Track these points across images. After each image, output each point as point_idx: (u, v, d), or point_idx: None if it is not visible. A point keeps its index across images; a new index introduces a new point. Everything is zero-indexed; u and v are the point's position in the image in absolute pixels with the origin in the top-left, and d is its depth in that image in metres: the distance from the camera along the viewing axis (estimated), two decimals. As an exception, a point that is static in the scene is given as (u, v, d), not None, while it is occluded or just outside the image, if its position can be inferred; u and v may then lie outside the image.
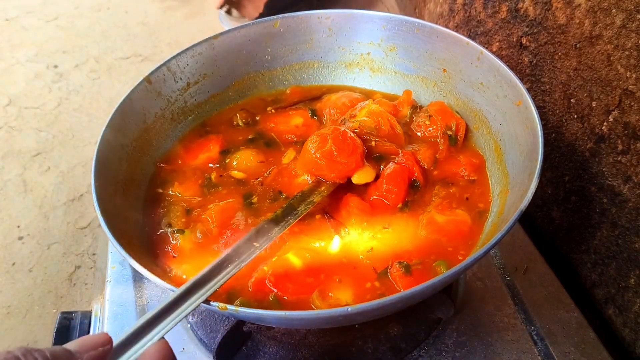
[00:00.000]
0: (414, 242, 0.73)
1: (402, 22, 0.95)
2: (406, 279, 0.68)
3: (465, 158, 0.85)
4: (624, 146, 0.74)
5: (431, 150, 0.86)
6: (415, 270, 0.69)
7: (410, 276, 0.68)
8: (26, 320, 1.49)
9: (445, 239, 0.74)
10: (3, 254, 1.64)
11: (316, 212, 0.78)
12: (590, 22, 0.76)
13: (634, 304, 0.77)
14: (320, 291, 0.67)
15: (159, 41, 2.50)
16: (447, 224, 0.74)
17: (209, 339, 0.78)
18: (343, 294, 0.68)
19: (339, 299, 0.67)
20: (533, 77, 0.95)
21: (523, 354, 0.76)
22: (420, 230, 0.75)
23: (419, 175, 0.81)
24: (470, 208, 0.78)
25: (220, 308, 0.55)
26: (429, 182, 0.82)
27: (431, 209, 0.77)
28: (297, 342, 0.77)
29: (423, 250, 0.72)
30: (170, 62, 0.91)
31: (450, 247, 0.73)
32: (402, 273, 0.68)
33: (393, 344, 0.77)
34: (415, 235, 0.74)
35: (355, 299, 0.67)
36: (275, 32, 1.00)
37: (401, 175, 0.79)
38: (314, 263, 0.70)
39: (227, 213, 0.78)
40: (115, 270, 0.92)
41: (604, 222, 0.81)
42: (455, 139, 0.87)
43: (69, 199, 1.82)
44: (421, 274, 0.68)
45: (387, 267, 0.70)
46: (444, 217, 0.75)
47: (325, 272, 0.70)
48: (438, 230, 0.74)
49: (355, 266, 0.71)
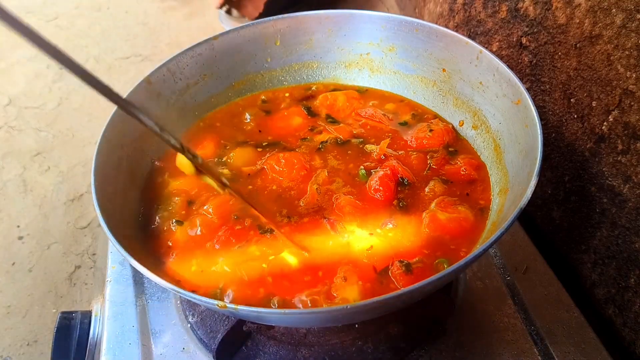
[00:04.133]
0: (416, 240, 0.73)
1: (401, 22, 0.95)
2: (407, 278, 0.67)
3: (464, 160, 0.85)
4: (624, 146, 0.74)
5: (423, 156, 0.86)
6: (416, 269, 0.69)
7: (411, 275, 0.68)
8: (26, 320, 1.49)
9: (448, 236, 0.73)
10: (3, 254, 1.65)
11: (311, 214, 0.78)
12: (590, 22, 0.76)
13: (633, 304, 0.77)
14: (323, 291, 0.67)
15: (158, 41, 2.50)
16: (449, 221, 0.74)
17: (209, 339, 0.78)
18: (348, 292, 0.67)
19: (346, 299, 0.67)
20: (533, 77, 0.95)
21: (523, 354, 0.76)
22: (423, 228, 0.75)
23: (405, 173, 0.81)
24: (472, 205, 0.77)
25: (220, 306, 0.55)
26: (421, 178, 0.82)
27: (434, 206, 0.77)
28: (297, 342, 0.77)
29: (425, 248, 0.72)
30: (170, 62, 0.91)
31: (452, 245, 0.72)
32: (403, 272, 0.68)
33: (393, 343, 0.77)
34: (417, 234, 0.74)
35: (360, 298, 0.67)
36: (275, 32, 1.00)
37: (387, 176, 0.80)
38: (311, 262, 0.70)
39: (225, 206, 0.79)
40: (115, 270, 0.92)
41: (604, 222, 0.81)
42: (456, 153, 0.87)
43: (69, 198, 1.82)
44: (422, 272, 0.68)
45: (387, 266, 0.70)
46: (447, 215, 0.75)
47: (324, 270, 0.70)
48: (441, 228, 0.74)
49: (356, 265, 0.71)
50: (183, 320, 0.83)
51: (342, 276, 0.68)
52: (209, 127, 0.97)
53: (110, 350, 0.79)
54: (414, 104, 0.98)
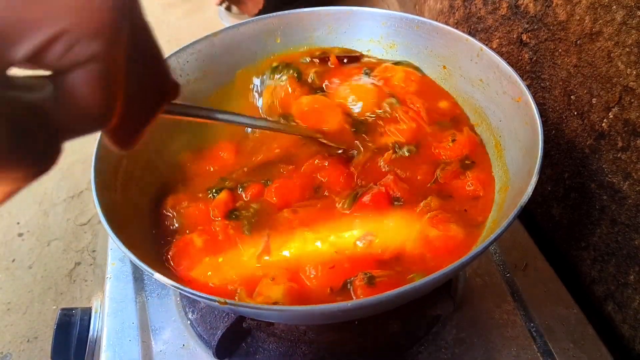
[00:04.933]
0: (396, 253, 0.69)
1: (402, 19, 0.94)
2: (368, 290, 0.63)
3: (473, 173, 0.78)
4: (623, 143, 0.74)
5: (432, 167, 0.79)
6: (379, 283, 0.64)
7: (374, 287, 0.63)
8: (26, 317, 1.49)
9: (430, 255, 0.68)
10: (3, 251, 1.65)
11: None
12: (590, 19, 0.76)
13: (633, 301, 0.77)
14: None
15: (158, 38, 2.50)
16: (436, 239, 0.68)
17: (209, 336, 0.78)
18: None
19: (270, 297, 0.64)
20: (533, 74, 0.95)
21: (522, 350, 0.77)
22: (409, 243, 0.69)
23: (401, 191, 0.75)
24: (467, 223, 0.71)
25: (220, 303, 0.55)
26: (420, 191, 0.76)
27: (425, 221, 0.70)
28: (296, 339, 0.77)
29: (401, 264, 0.68)
30: (170, 59, 0.91)
31: (433, 262, 0.67)
32: (365, 284, 0.64)
33: (392, 340, 0.77)
34: (401, 247, 0.69)
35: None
36: (275, 29, 1.00)
37: (378, 195, 0.74)
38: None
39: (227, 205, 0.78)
40: (115, 266, 0.92)
41: (604, 219, 0.81)
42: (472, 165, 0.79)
43: (69, 195, 1.82)
44: (386, 286, 0.63)
45: (352, 278, 0.65)
46: (436, 232, 0.68)
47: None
48: (426, 244, 0.69)
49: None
50: (183, 317, 0.83)
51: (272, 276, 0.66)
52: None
53: (110, 346, 0.79)
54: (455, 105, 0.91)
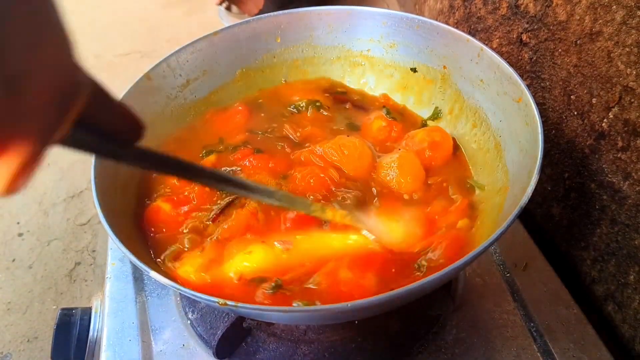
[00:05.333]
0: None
1: (402, 19, 0.94)
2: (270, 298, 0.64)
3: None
4: (623, 143, 0.74)
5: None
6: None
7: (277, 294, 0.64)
8: (26, 317, 1.49)
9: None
10: (3, 251, 1.65)
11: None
12: (590, 19, 0.76)
13: (633, 301, 0.77)
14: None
15: (158, 38, 2.50)
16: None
17: (209, 336, 0.78)
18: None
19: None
20: (533, 74, 0.95)
21: (522, 350, 0.77)
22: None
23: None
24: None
25: (220, 304, 0.55)
26: None
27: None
28: (296, 339, 0.77)
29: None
30: (170, 58, 0.91)
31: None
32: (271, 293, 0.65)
33: (392, 340, 0.77)
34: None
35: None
36: (275, 28, 1.00)
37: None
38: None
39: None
40: (115, 266, 0.92)
41: (604, 218, 0.81)
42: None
43: (69, 195, 1.82)
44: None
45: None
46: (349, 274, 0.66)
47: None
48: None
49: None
50: (183, 317, 0.83)
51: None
52: (210, 122, 0.97)
53: (110, 346, 0.79)
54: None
